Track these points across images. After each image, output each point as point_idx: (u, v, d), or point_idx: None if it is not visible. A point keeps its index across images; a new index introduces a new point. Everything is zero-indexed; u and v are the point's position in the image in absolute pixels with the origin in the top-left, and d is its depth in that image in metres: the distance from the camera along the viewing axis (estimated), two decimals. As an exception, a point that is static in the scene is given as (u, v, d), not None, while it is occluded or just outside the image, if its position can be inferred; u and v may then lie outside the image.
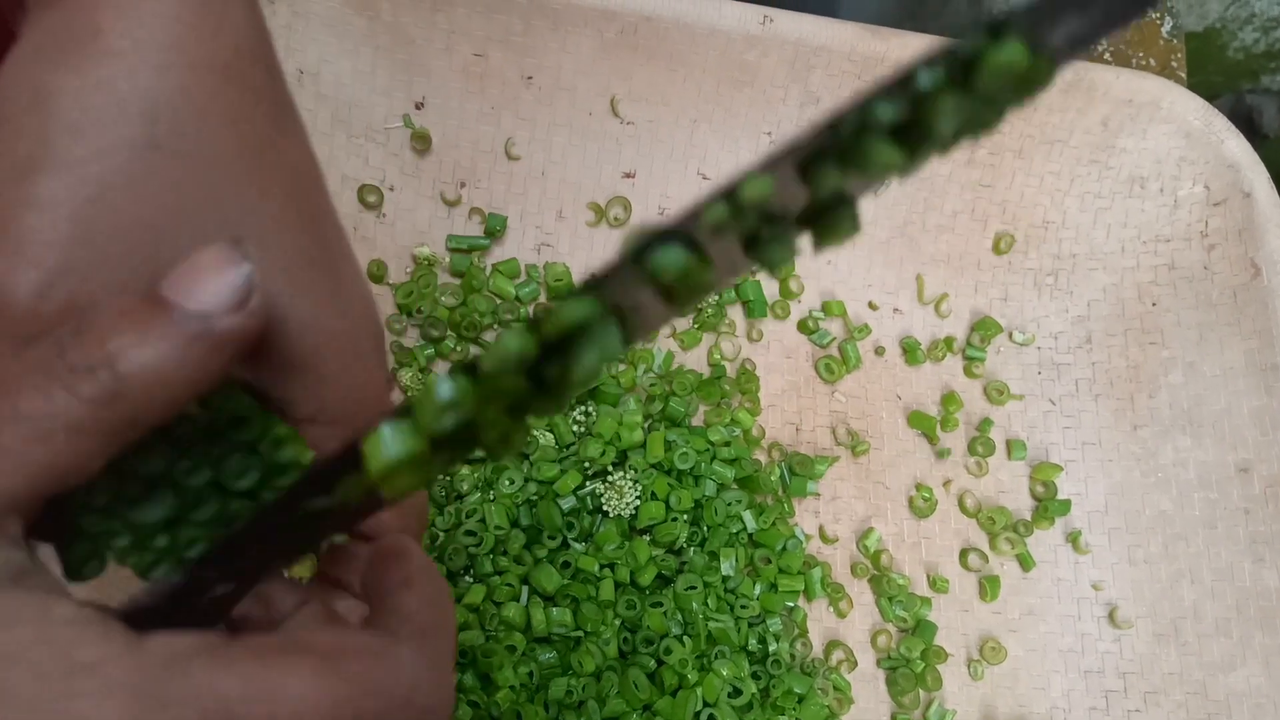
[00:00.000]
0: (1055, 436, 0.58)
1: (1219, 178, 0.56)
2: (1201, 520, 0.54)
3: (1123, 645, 0.54)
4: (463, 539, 0.45)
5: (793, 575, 0.50)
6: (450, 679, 0.23)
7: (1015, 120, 0.56)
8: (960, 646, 0.53)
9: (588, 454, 0.48)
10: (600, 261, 0.53)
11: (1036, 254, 0.59)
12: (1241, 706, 0.51)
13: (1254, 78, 1.58)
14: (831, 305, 0.56)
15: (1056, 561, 0.55)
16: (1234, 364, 0.54)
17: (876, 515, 0.54)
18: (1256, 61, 1.50)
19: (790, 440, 0.54)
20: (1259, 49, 1.50)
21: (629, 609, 0.46)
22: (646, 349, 0.53)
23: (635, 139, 0.54)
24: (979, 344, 0.58)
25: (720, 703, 0.46)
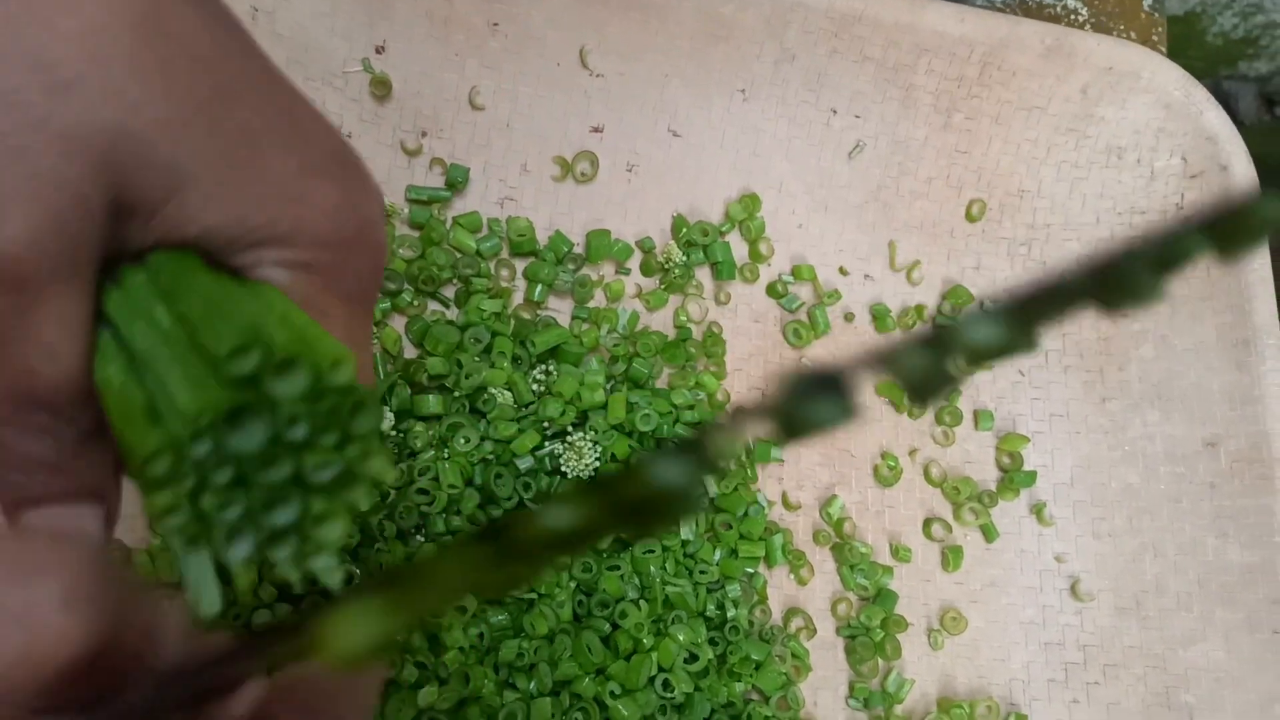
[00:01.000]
0: (1023, 408, 0.57)
1: (1197, 150, 0.56)
2: (1167, 495, 0.53)
3: (1084, 618, 0.53)
4: (415, 497, 0.44)
5: (753, 541, 0.49)
6: None
7: (994, 86, 0.55)
8: (921, 616, 0.52)
9: (547, 414, 0.47)
10: (564, 216, 0.52)
11: (1011, 223, 0.58)
12: (1200, 681, 0.50)
13: (1232, 64, 1.58)
14: (802, 269, 0.55)
15: (1020, 533, 0.55)
16: (1205, 338, 0.54)
17: (841, 483, 0.54)
18: (1235, 48, 1.50)
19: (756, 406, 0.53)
20: (1238, 34, 1.50)
21: (584, 572, 0.45)
22: (611, 309, 0.52)
23: (605, 92, 0.52)
24: (950, 312, 0.57)
25: (676, 668, 0.45)
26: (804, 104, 0.55)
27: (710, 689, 0.46)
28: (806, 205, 0.56)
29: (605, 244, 0.52)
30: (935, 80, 0.54)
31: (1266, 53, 1.41)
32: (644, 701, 0.44)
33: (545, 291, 0.51)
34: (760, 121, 0.55)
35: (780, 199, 0.56)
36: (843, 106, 0.55)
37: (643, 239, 0.53)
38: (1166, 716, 0.51)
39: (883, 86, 0.54)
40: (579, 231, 0.52)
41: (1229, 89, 1.53)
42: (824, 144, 0.56)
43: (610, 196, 0.53)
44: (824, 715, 0.50)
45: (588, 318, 0.51)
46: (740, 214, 0.54)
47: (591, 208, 0.53)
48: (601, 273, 0.53)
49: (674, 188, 0.54)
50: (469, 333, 0.48)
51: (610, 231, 0.52)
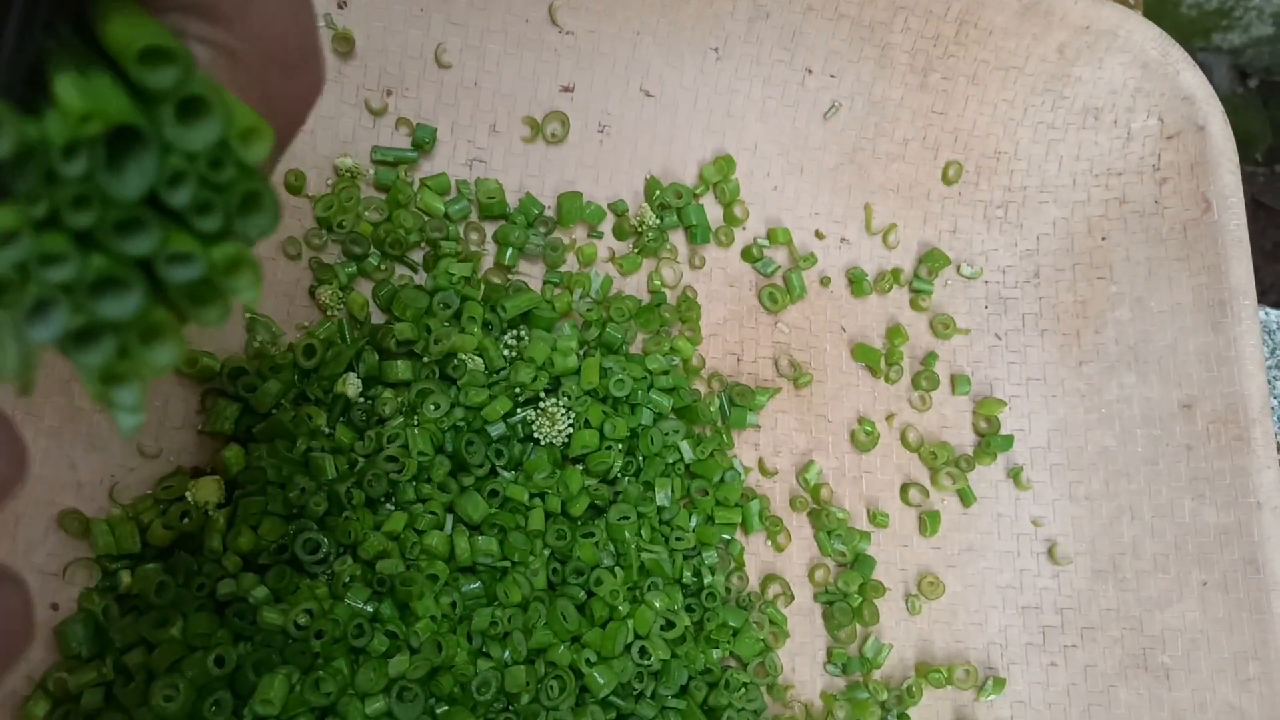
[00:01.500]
0: (1000, 372, 0.56)
1: (1173, 110, 0.55)
2: (1143, 457, 0.53)
3: (1061, 581, 0.53)
4: (384, 465, 0.43)
5: (730, 508, 0.49)
6: None
7: (970, 45, 0.54)
8: (898, 582, 0.52)
9: (518, 379, 0.46)
10: (534, 178, 0.51)
11: (987, 185, 0.58)
12: (1176, 642, 0.50)
13: (1206, 36, 1.57)
14: (777, 233, 0.54)
15: (997, 497, 0.54)
16: (1182, 300, 0.54)
17: (817, 448, 0.53)
18: (1209, 19, 1.49)
19: (731, 371, 0.53)
20: (1211, 6, 1.49)
21: (559, 539, 0.45)
22: (584, 273, 0.51)
23: (575, 50, 0.51)
24: (926, 276, 0.56)
25: (652, 635, 0.44)
26: (778, 63, 0.53)
27: (687, 656, 0.45)
28: (781, 167, 0.55)
29: (577, 207, 0.51)
30: (911, 39, 0.54)
31: (1239, 24, 1.41)
32: (620, 669, 0.43)
33: (516, 255, 0.50)
34: (734, 81, 0.53)
35: (755, 161, 0.55)
36: (818, 66, 0.54)
37: (615, 202, 0.52)
38: (1143, 677, 0.51)
39: (858, 45, 0.54)
40: (550, 194, 0.51)
41: (1203, 61, 1.53)
42: (799, 105, 0.55)
43: (582, 158, 0.52)
44: (802, 681, 0.49)
45: (560, 282, 0.50)
46: (714, 176, 0.53)
47: (563, 169, 0.52)
48: (573, 236, 0.52)
49: (647, 149, 0.53)
50: (438, 297, 0.47)
51: (582, 194, 0.51)
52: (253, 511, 0.40)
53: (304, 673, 0.38)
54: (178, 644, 0.37)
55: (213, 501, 0.40)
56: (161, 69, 0.16)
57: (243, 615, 0.38)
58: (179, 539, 0.39)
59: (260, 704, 0.37)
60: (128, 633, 0.37)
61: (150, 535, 0.39)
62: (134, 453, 0.40)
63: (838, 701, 0.49)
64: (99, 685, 0.36)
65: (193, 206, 0.18)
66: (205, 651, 0.37)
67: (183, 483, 0.40)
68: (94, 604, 0.38)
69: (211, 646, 0.37)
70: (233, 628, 0.38)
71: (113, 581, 0.38)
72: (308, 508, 0.40)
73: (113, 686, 0.37)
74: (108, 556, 0.38)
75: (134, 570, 0.38)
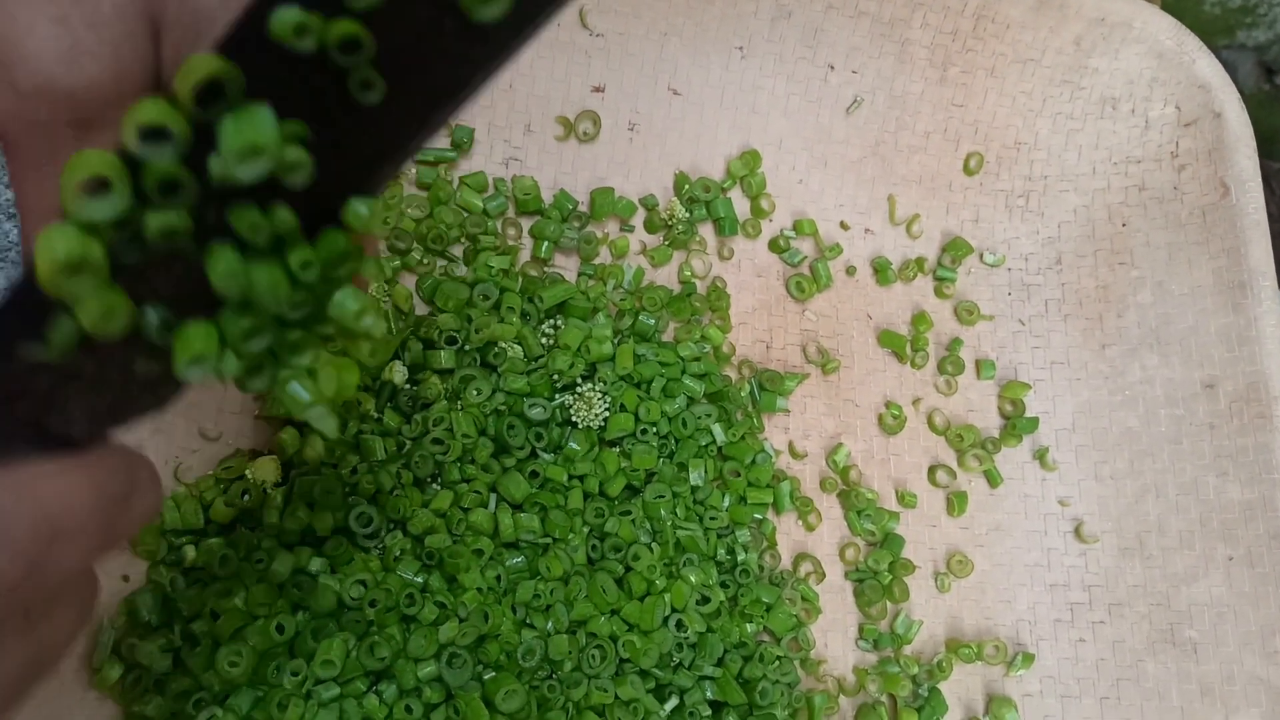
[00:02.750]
0: (1024, 356, 0.58)
1: (1190, 98, 0.56)
2: (1167, 436, 0.54)
3: (1088, 559, 0.54)
4: (430, 447, 0.45)
5: (761, 488, 0.50)
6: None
7: (988, 39, 0.56)
8: (927, 560, 0.53)
9: (556, 366, 0.48)
10: (568, 175, 0.53)
11: (1008, 175, 0.59)
12: (1203, 616, 0.51)
13: (1230, 34, 1.58)
14: (803, 224, 0.56)
15: (1024, 478, 0.56)
16: (1202, 282, 0.55)
17: (846, 432, 0.55)
18: (1232, 16, 1.50)
19: (760, 358, 0.54)
20: (1234, 3, 1.50)
21: (597, 517, 0.46)
22: (617, 265, 0.53)
23: (604, 52, 0.53)
24: (950, 265, 0.58)
25: (689, 609, 0.46)
26: (801, 60, 0.55)
27: (723, 630, 0.47)
28: (806, 161, 0.57)
29: (609, 201, 0.53)
30: (930, 34, 0.55)
31: (1264, 21, 1.41)
32: (659, 640, 0.45)
33: (551, 249, 0.52)
34: (758, 79, 0.55)
35: (780, 155, 0.57)
36: (839, 62, 0.56)
37: (646, 196, 0.54)
38: (1171, 651, 0.52)
39: (878, 41, 0.55)
40: (583, 190, 0.53)
41: (1227, 58, 1.54)
42: (822, 100, 0.56)
43: (613, 155, 0.54)
44: (834, 656, 0.51)
45: (594, 274, 0.52)
46: (741, 170, 0.55)
47: (595, 166, 0.54)
48: (606, 230, 0.54)
49: (675, 146, 0.55)
50: (478, 289, 0.49)
51: (614, 190, 0.53)
52: (308, 489, 0.42)
53: (359, 639, 0.40)
54: (240, 613, 0.39)
55: (270, 480, 0.42)
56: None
57: (300, 586, 0.40)
58: (240, 515, 0.42)
59: (321, 666, 0.39)
60: (193, 603, 0.39)
61: (213, 512, 0.41)
62: (196, 435, 0.43)
63: (870, 676, 0.50)
64: (168, 651, 0.39)
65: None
66: (267, 619, 0.39)
67: (242, 463, 0.43)
68: (161, 576, 0.40)
69: (272, 615, 0.39)
70: (291, 598, 0.40)
71: (178, 555, 0.41)
72: (359, 485, 0.42)
73: (180, 652, 0.39)
74: (173, 532, 0.41)
75: (198, 545, 0.41)
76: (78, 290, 0.20)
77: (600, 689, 0.43)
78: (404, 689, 0.40)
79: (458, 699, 0.41)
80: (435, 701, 0.40)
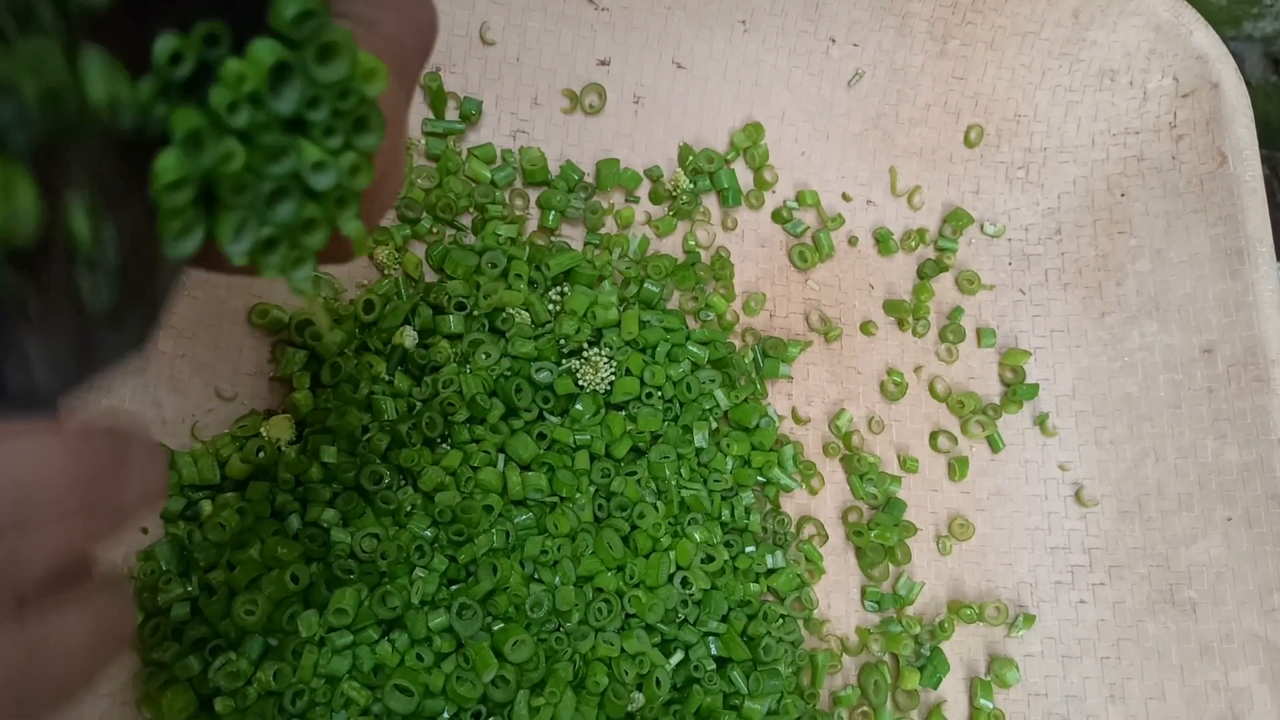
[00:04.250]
0: (1025, 325, 0.59)
1: (1188, 70, 0.57)
2: (1166, 401, 0.55)
3: (1088, 523, 0.55)
4: (439, 408, 0.46)
5: (765, 452, 0.51)
6: None
7: (987, 11, 0.57)
8: (929, 524, 0.54)
9: (563, 331, 0.49)
10: (574, 147, 0.54)
11: (1008, 147, 0.60)
12: (1202, 576, 0.52)
13: (1236, 24, 1.58)
14: (805, 195, 0.57)
15: (1024, 444, 0.56)
16: (1200, 250, 0.55)
17: (848, 399, 0.55)
18: (1239, 7, 1.51)
19: (764, 326, 0.55)
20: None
21: (603, 477, 0.47)
22: (622, 234, 0.54)
23: (610, 26, 0.54)
24: (951, 235, 0.59)
25: (693, 566, 0.47)
26: (803, 34, 0.56)
27: (727, 588, 0.48)
28: (808, 134, 0.58)
29: (615, 173, 0.54)
30: (930, 7, 0.56)
31: (1271, 12, 1.42)
32: (665, 596, 0.46)
33: (558, 218, 0.53)
34: (761, 52, 0.56)
35: (783, 128, 0.57)
36: (841, 35, 0.57)
37: (651, 168, 0.55)
38: (1170, 612, 0.52)
39: (879, 14, 0.56)
40: (589, 161, 0.54)
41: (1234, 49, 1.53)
42: (823, 73, 0.57)
43: (618, 128, 0.55)
44: (838, 616, 0.51)
45: (599, 243, 0.53)
46: (744, 142, 0.56)
47: (600, 138, 0.55)
48: (612, 201, 0.55)
49: (679, 118, 0.56)
50: (486, 257, 0.50)
51: (619, 161, 0.54)
52: (321, 446, 0.43)
53: (371, 590, 0.41)
54: (256, 564, 0.40)
55: (285, 438, 0.43)
56: (307, 23, 0.22)
57: (314, 539, 0.42)
58: (255, 471, 0.43)
59: (334, 614, 0.40)
60: (210, 554, 0.40)
61: (229, 469, 0.42)
62: (213, 395, 0.44)
63: (872, 635, 0.51)
64: (185, 600, 0.40)
65: (323, 126, 0.23)
66: (281, 569, 0.40)
67: (257, 422, 0.44)
68: (179, 529, 0.41)
69: (286, 565, 0.40)
70: (306, 549, 0.41)
71: (195, 510, 0.42)
72: (371, 443, 0.44)
73: (198, 601, 0.40)
74: (191, 487, 0.42)
75: (214, 499, 0.42)
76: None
77: (606, 642, 0.44)
78: (415, 638, 0.41)
79: (467, 648, 0.42)
80: (446, 651, 0.41)
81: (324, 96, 0.23)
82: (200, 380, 0.44)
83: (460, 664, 0.42)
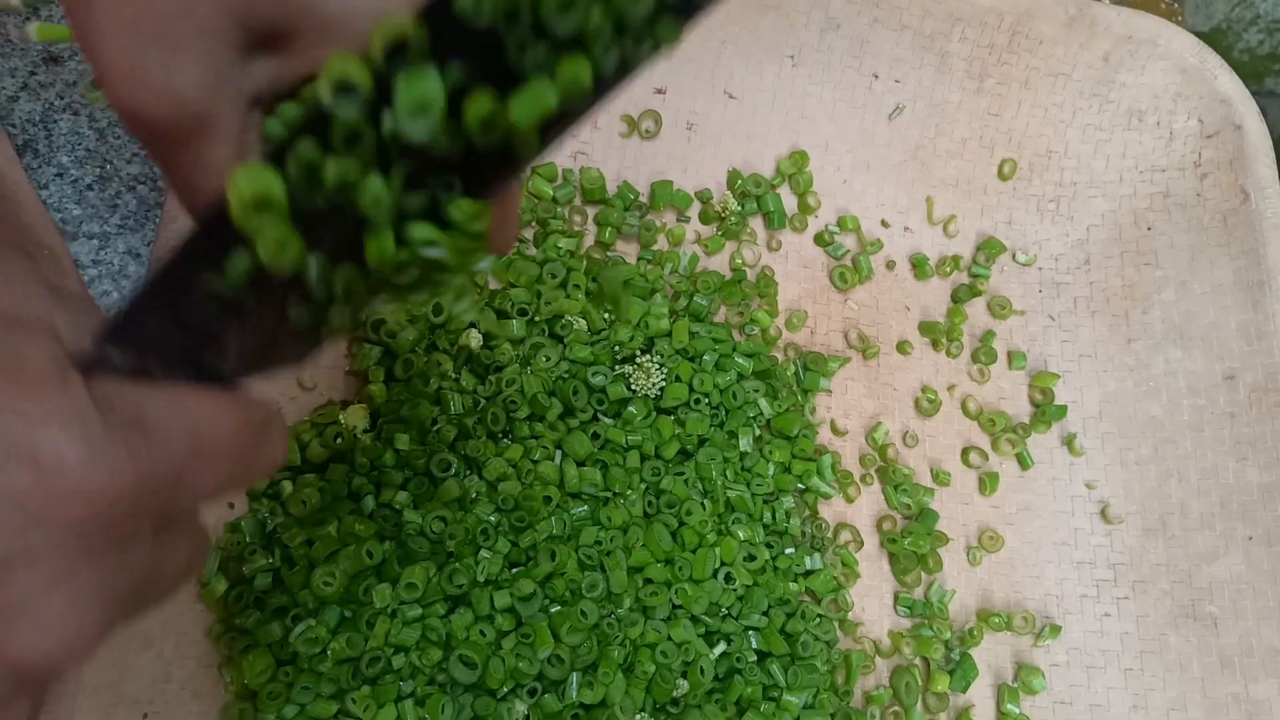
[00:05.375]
0: (1054, 349, 0.61)
1: (1212, 111, 0.60)
2: (1189, 424, 0.57)
3: (1113, 539, 0.57)
4: (502, 405, 0.49)
5: (805, 460, 0.54)
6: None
7: (1022, 53, 0.60)
8: (960, 535, 0.57)
9: (617, 339, 0.52)
10: (630, 168, 0.57)
11: (1040, 181, 0.63)
12: (1223, 592, 0.54)
13: (1258, 80, 1.62)
14: (846, 220, 0.60)
15: (1052, 462, 0.59)
16: (1223, 281, 0.58)
17: (884, 413, 0.58)
18: (1261, 64, 1.54)
19: (805, 341, 0.58)
20: (1263, 51, 1.54)
21: (653, 475, 0.50)
22: (673, 251, 0.57)
23: (666, 57, 0.58)
24: (984, 262, 0.62)
25: (736, 563, 0.50)
26: (848, 69, 0.60)
27: (767, 585, 0.50)
28: (850, 163, 0.61)
29: (668, 193, 0.57)
30: (968, 47, 0.60)
31: (1293, 68, 1.45)
32: (709, 589, 0.48)
33: (614, 234, 0.56)
34: (807, 85, 0.60)
35: (826, 157, 0.61)
36: (883, 71, 0.60)
37: (701, 190, 0.59)
38: (1192, 626, 0.54)
39: (920, 53, 0.60)
40: (644, 182, 0.58)
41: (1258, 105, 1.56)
42: (866, 106, 0.61)
43: (672, 152, 0.59)
44: (871, 620, 0.54)
45: (652, 259, 0.57)
46: (790, 169, 0.60)
47: (655, 161, 0.58)
48: (664, 220, 0.58)
49: (729, 145, 0.60)
50: (547, 268, 0.53)
51: (672, 183, 0.58)
52: (395, 434, 0.46)
53: (439, 568, 0.44)
54: (333, 539, 0.43)
55: (360, 426, 0.46)
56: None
57: (387, 519, 0.44)
58: (332, 455, 0.46)
59: (405, 588, 0.43)
60: (291, 529, 0.43)
61: (309, 452, 0.45)
62: (295, 385, 0.47)
63: (904, 639, 0.53)
64: (268, 570, 0.43)
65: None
66: (358, 545, 0.43)
67: (334, 411, 0.47)
68: (262, 505, 0.44)
69: (362, 542, 0.43)
70: (379, 528, 0.44)
71: (277, 490, 0.45)
72: (440, 433, 0.47)
73: (279, 572, 0.43)
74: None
75: (294, 480, 0.45)
76: (259, 224, 0.23)
77: (655, 629, 0.47)
78: (479, 614, 0.44)
79: (527, 626, 0.44)
80: (506, 629, 0.44)
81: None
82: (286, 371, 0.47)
83: (519, 640, 0.44)
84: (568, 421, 0.51)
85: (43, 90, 0.50)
